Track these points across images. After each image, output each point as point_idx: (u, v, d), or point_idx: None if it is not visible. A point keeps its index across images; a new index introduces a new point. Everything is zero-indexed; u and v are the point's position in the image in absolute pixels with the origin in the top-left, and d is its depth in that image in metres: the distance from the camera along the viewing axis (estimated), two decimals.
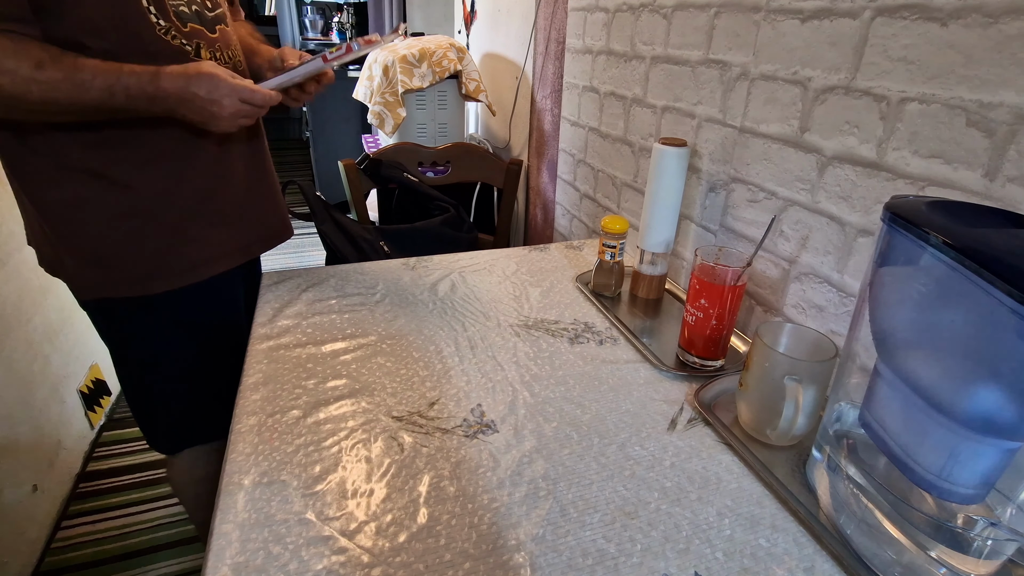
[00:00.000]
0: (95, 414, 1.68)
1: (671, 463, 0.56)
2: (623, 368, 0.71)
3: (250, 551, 0.45)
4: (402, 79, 1.70)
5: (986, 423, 0.38)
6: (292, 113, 5.38)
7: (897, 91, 0.56)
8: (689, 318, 0.70)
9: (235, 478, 0.52)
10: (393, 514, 0.49)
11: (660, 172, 0.82)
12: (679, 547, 0.47)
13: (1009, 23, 0.47)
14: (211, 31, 0.80)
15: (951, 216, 0.40)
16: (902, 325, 0.43)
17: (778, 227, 0.73)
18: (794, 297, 0.72)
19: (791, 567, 0.46)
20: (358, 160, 1.43)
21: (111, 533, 1.37)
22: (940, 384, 0.40)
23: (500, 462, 0.55)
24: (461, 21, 2.42)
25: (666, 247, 0.86)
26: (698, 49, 0.86)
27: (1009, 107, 0.47)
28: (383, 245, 1.29)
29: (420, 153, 1.49)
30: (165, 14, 0.73)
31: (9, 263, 1.37)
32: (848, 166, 0.62)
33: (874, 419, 0.45)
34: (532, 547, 0.46)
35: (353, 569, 0.44)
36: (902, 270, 0.43)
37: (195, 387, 0.89)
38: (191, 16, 0.77)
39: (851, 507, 0.48)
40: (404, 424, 0.59)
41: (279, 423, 0.59)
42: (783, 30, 0.69)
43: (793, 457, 0.56)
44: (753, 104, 0.76)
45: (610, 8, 1.09)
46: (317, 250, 2.81)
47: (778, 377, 0.54)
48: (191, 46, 0.76)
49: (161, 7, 0.72)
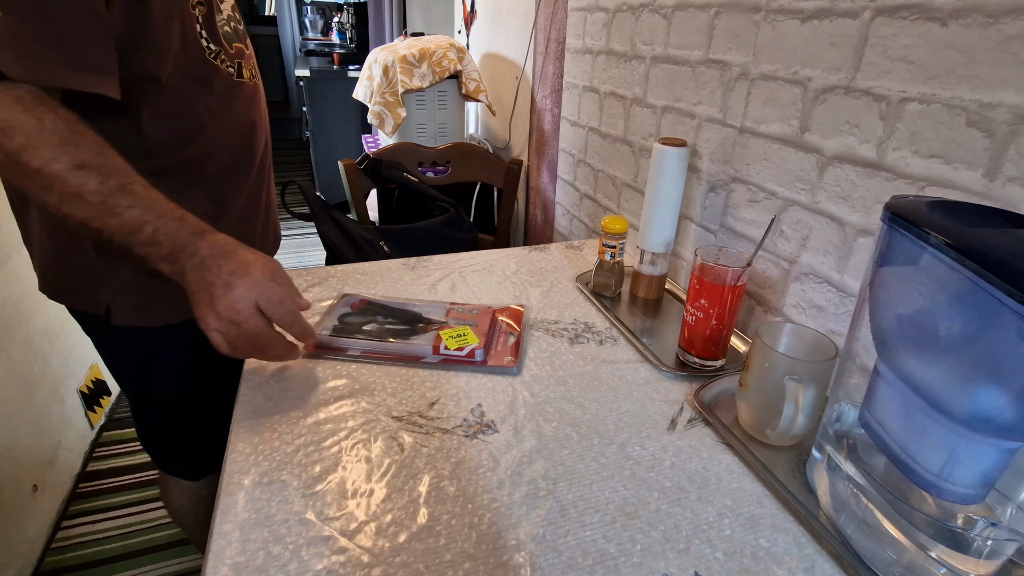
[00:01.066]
0: (95, 414, 1.68)
1: (671, 463, 0.56)
2: (623, 368, 0.71)
3: (250, 551, 0.45)
4: (402, 79, 1.70)
5: (986, 423, 0.38)
6: (292, 113, 5.39)
7: (897, 91, 0.56)
8: (689, 318, 0.70)
9: (235, 478, 0.52)
10: (393, 514, 0.49)
11: (660, 172, 0.82)
12: (679, 547, 0.47)
13: (1009, 23, 0.47)
14: (246, 47, 0.79)
15: (951, 216, 0.40)
16: (902, 325, 0.43)
17: (778, 227, 0.73)
18: (794, 297, 0.72)
19: (791, 567, 0.46)
20: (358, 160, 1.43)
21: (111, 533, 1.37)
22: (940, 384, 0.40)
23: (500, 462, 0.55)
24: (461, 21, 2.42)
25: (666, 247, 0.86)
26: (698, 49, 0.86)
27: (1009, 107, 0.47)
28: (383, 245, 1.29)
29: (420, 153, 1.49)
30: (216, 38, 0.71)
31: (9, 263, 1.37)
32: (848, 166, 0.62)
33: (874, 419, 0.45)
34: (532, 547, 0.46)
35: (353, 569, 0.44)
36: (902, 270, 0.43)
37: (223, 412, 0.87)
38: (232, 35, 0.75)
39: (851, 507, 0.48)
40: (404, 424, 0.59)
41: (279, 423, 0.59)
42: (783, 30, 0.69)
43: (793, 457, 0.56)
44: (753, 104, 0.76)
45: (610, 8, 1.09)
46: (317, 250, 2.81)
47: (778, 377, 0.54)
48: (234, 66, 0.75)
49: (213, 32, 0.70)
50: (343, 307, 0.78)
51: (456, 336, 0.67)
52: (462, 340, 0.66)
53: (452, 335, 0.67)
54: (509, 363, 0.69)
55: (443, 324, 0.73)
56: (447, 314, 0.77)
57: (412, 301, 0.81)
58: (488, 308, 0.79)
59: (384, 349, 0.69)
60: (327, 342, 0.70)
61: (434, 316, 0.76)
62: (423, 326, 0.73)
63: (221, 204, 0.78)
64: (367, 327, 0.73)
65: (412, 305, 0.79)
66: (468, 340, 0.67)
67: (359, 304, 0.79)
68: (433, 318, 0.75)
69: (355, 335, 0.71)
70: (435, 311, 0.77)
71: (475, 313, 0.77)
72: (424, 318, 0.75)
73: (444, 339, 0.68)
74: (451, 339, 0.66)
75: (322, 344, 0.70)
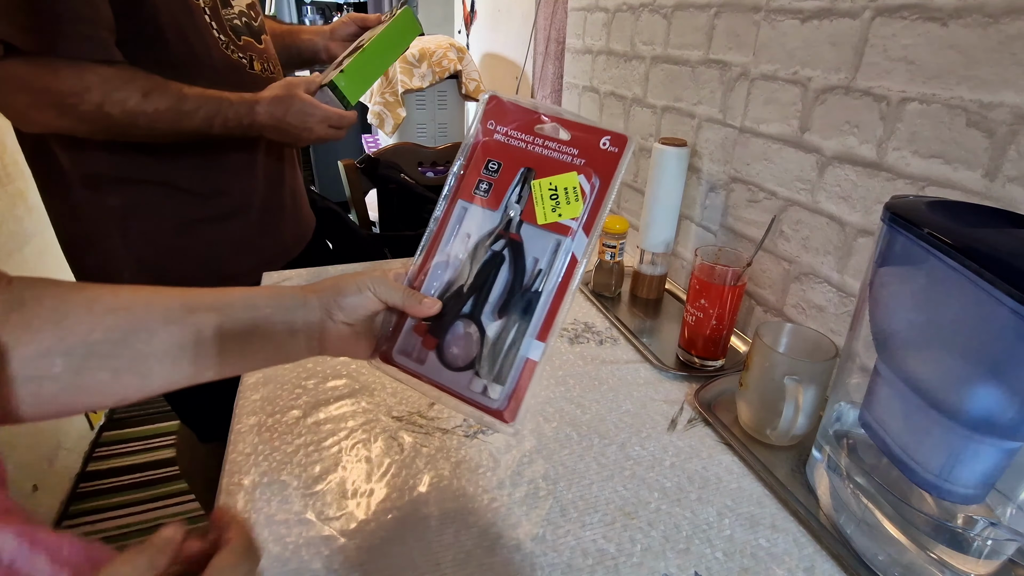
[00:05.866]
0: (95, 414, 1.68)
1: (671, 463, 0.56)
2: (623, 368, 0.71)
3: None
4: (402, 79, 1.70)
5: (986, 423, 0.38)
6: None
7: (897, 91, 0.56)
8: (689, 318, 0.70)
9: (235, 478, 0.52)
10: (393, 514, 0.49)
11: (660, 172, 0.82)
12: (679, 547, 0.47)
13: (1009, 23, 0.47)
14: (259, 42, 0.82)
15: (951, 216, 0.40)
16: (902, 325, 0.43)
17: (778, 227, 0.73)
18: (794, 297, 0.72)
19: (791, 567, 0.46)
20: (358, 160, 1.43)
21: (111, 533, 1.37)
22: (940, 384, 0.40)
23: (500, 462, 0.55)
24: (461, 21, 2.42)
25: (666, 247, 0.86)
26: (698, 49, 0.86)
27: (1009, 107, 0.47)
28: (386, 252, 1.29)
29: (420, 153, 1.49)
30: (224, 29, 0.75)
31: (9, 263, 1.37)
32: (848, 166, 0.62)
33: (874, 419, 0.45)
34: (532, 547, 0.46)
35: (353, 569, 0.44)
36: (902, 270, 0.43)
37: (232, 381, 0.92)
38: (243, 29, 0.78)
39: (851, 507, 0.47)
40: (404, 424, 0.59)
41: (279, 423, 0.59)
42: (783, 30, 0.69)
43: (793, 457, 0.56)
44: (753, 104, 0.76)
45: (610, 8, 1.09)
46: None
47: (778, 377, 0.54)
48: (246, 59, 0.78)
49: (220, 22, 0.74)
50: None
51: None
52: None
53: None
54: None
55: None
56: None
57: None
58: None
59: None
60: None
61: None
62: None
63: (239, 186, 0.82)
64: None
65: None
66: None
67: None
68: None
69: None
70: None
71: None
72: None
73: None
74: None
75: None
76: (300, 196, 0.98)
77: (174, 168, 0.76)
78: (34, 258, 1.48)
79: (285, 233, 0.93)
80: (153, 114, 0.67)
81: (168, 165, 0.75)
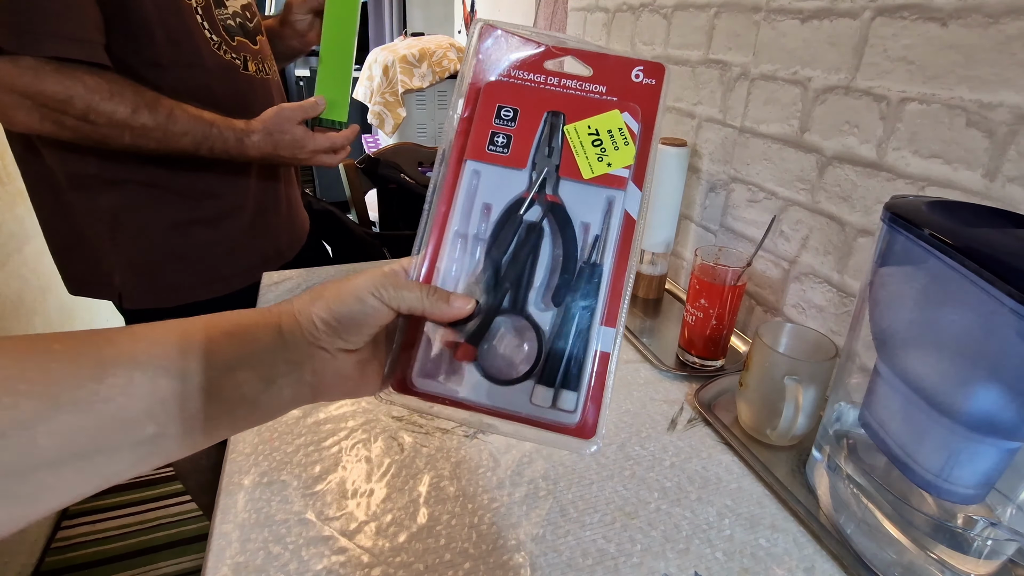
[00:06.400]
0: None
1: (671, 463, 0.56)
2: (623, 368, 0.71)
3: (250, 551, 0.45)
4: (402, 79, 1.71)
5: (986, 423, 0.38)
6: None
7: (897, 91, 0.56)
8: (689, 318, 0.70)
9: (235, 478, 0.51)
10: (393, 514, 0.49)
11: (660, 172, 0.82)
12: (679, 547, 0.47)
13: (1009, 23, 0.47)
14: (254, 43, 0.81)
15: (951, 216, 0.40)
16: (902, 325, 0.43)
17: (778, 227, 0.73)
18: (794, 297, 0.72)
19: (791, 567, 0.46)
20: (358, 160, 1.43)
21: (111, 533, 1.37)
22: (940, 384, 0.40)
23: (500, 462, 0.55)
24: (461, 21, 2.42)
25: (666, 247, 0.86)
26: (698, 49, 0.86)
27: (1009, 107, 0.47)
28: (385, 252, 1.29)
29: (420, 153, 1.49)
30: (216, 29, 0.74)
31: (9, 263, 1.37)
32: (848, 166, 0.62)
33: (874, 419, 0.45)
34: (532, 547, 0.46)
35: (353, 569, 0.44)
36: (902, 270, 0.43)
37: None
38: (236, 29, 0.78)
39: (851, 507, 0.47)
40: (404, 424, 0.59)
41: (279, 423, 0.59)
42: (783, 30, 0.69)
43: (793, 457, 0.56)
44: (753, 104, 0.76)
45: (610, 8, 1.09)
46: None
47: (778, 377, 0.54)
48: (239, 59, 0.77)
49: (212, 23, 0.74)
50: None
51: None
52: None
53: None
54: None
55: None
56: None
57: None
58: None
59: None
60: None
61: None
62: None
63: (231, 188, 0.82)
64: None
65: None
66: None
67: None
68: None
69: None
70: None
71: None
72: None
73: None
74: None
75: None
76: (294, 198, 0.97)
77: (165, 169, 0.75)
78: (34, 258, 1.48)
79: (279, 235, 0.92)
80: (140, 129, 0.66)
81: (159, 166, 0.74)
